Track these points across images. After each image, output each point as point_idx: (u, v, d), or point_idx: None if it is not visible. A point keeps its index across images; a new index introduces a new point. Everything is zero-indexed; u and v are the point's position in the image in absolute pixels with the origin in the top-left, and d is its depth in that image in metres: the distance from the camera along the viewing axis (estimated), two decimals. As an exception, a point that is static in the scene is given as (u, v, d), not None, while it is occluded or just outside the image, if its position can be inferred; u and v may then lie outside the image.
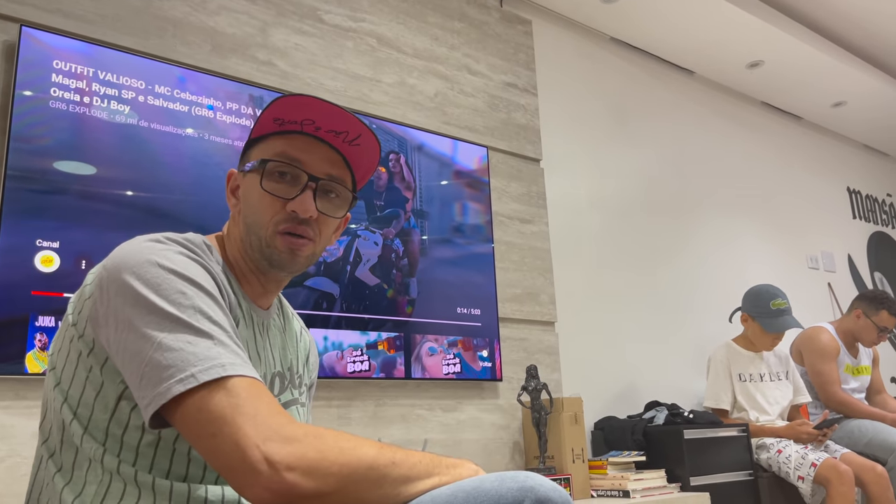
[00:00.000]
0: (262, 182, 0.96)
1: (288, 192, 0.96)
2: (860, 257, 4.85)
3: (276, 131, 0.99)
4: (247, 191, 0.99)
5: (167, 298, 0.80)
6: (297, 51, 2.43)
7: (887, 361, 4.58)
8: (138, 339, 0.78)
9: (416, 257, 2.48)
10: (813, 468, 2.64)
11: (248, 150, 1.02)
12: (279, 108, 0.96)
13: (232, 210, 1.02)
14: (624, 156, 3.53)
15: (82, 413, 0.85)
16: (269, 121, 0.97)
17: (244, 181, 1.00)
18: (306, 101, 0.95)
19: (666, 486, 2.47)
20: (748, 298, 3.04)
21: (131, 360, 0.79)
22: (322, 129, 0.98)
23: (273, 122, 0.98)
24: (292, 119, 0.97)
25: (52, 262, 1.78)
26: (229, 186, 1.04)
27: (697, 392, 3.37)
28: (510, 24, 3.15)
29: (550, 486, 0.78)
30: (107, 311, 0.82)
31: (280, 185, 0.96)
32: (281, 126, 0.98)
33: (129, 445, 0.84)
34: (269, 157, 0.97)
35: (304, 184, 0.96)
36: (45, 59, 1.87)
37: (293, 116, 0.96)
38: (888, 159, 5.48)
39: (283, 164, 0.96)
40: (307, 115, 0.96)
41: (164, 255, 0.85)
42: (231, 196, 1.03)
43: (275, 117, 0.97)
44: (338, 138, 0.99)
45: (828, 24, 3.96)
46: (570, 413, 2.49)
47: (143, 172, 1.96)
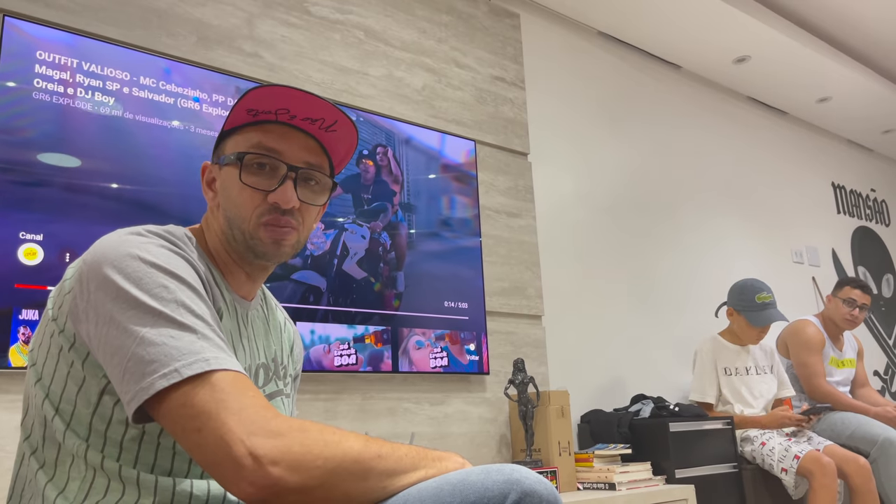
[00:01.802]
0: (240, 175, 0.95)
1: (268, 184, 0.96)
2: (844, 252, 4.89)
3: (249, 122, 0.98)
4: (225, 184, 0.98)
5: (149, 293, 0.80)
6: (284, 43, 2.42)
7: (871, 355, 4.63)
8: (120, 334, 0.78)
9: (404, 251, 2.48)
10: (796, 460, 2.67)
11: (222, 141, 1.00)
12: (253, 99, 0.95)
13: (210, 203, 1.01)
14: (611, 150, 3.54)
15: (64, 409, 0.84)
16: (242, 112, 0.96)
17: (221, 174, 0.99)
18: (280, 90, 0.94)
19: (651, 478, 2.49)
20: (734, 293, 3.06)
21: (113, 356, 0.78)
22: (297, 118, 0.97)
23: (247, 113, 0.97)
24: (266, 109, 0.96)
25: (35, 254, 1.76)
26: (205, 179, 1.03)
27: (683, 385, 3.39)
28: (498, 17, 3.14)
29: (536, 478, 0.78)
30: (87, 306, 0.81)
31: (259, 177, 0.96)
32: (255, 116, 0.97)
33: (112, 440, 0.84)
34: (246, 149, 0.96)
35: (284, 174, 0.96)
36: (28, 50, 1.85)
37: (267, 106, 0.95)
38: (872, 154, 5.53)
39: (260, 155, 0.96)
40: (282, 105, 0.95)
41: (146, 248, 0.84)
42: (208, 189, 1.02)
43: (248, 108, 0.96)
44: (314, 125, 0.99)
45: (814, 19, 3.99)
46: (556, 406, 2.50)
47: (128, 165, 1.95)
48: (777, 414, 2.87)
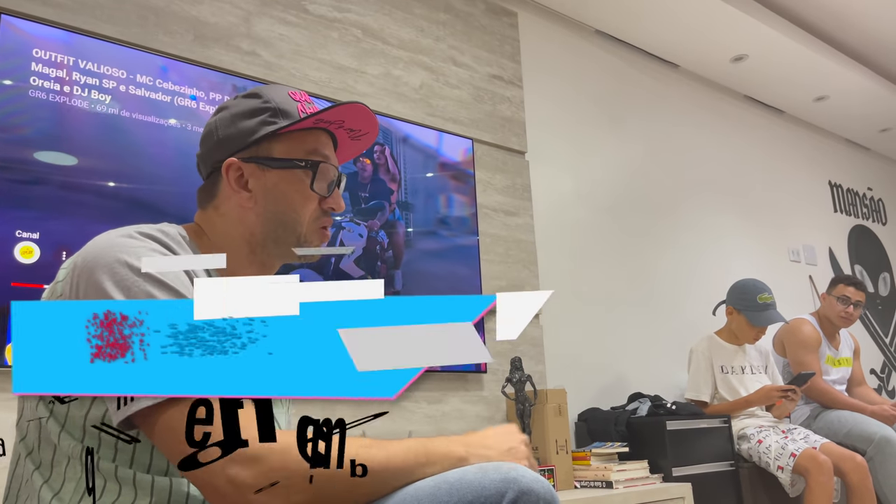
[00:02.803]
0: (313, 183, 0.98)
1: (324, 190, 1.00)
2: (841, 251, 4.90)
3: (301, 128, 1.00)
4: (279, 187, 0.98)
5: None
6: (282, 41, 2.41)
7: (867, 353, 4.64)
8: None
9: (401, 249, 2.48)
10: (792, 458, 2.68)
11: (259, 143, 0.99)
12: (336, 113, 0.98)
13: (242, 203, 0.99)
14: (608, 148, 3.54)
15: (58, 410, 0.84)
16: (311, 119, 0.98)
17: (266, 176, 0.98)
18: (359, 107, 0.99)
19: (648, 476, 2.49)
20: (734, 292, 3.07)
21: None
22: (343, 127, 1.02)
23: (314, 122, 0.99)
24: (330, 119, 0.99)
25: (31, 253, 1.76)
26: (232, 177, 0.99)
27: (680, 384, 3.39)
28: (496, 15, 3.14)
29: (533, 476, 0.78)
30: None
31: (323, 185, 1.00)
32: (316, 123, 1.00)
33: (107, 442, 0.83)
34: (304, 155, 0.99)
35: (335, 181, 1.01)
36: (24, 48, 1.84)
37: (332, 117, 0.99)
38: (869, 153, 5.54)
39: (327, 164, 1.00)
40: (342, 117, 0.99)
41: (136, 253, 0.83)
42: (240, 189, 0.99)
43: (319, 118, 0.98)
44: (341, 130, 1.03)
45: (812, 18, 3.99)
46: (553, 405, 2.50)
47: (124, 163, 1.94)
48: (764, 389, 2.89)
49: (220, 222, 1.00)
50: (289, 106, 0.99)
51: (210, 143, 1.03)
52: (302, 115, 0.98)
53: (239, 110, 1.01)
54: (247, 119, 0.99)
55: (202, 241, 0.99)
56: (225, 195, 1.00)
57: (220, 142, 1.01)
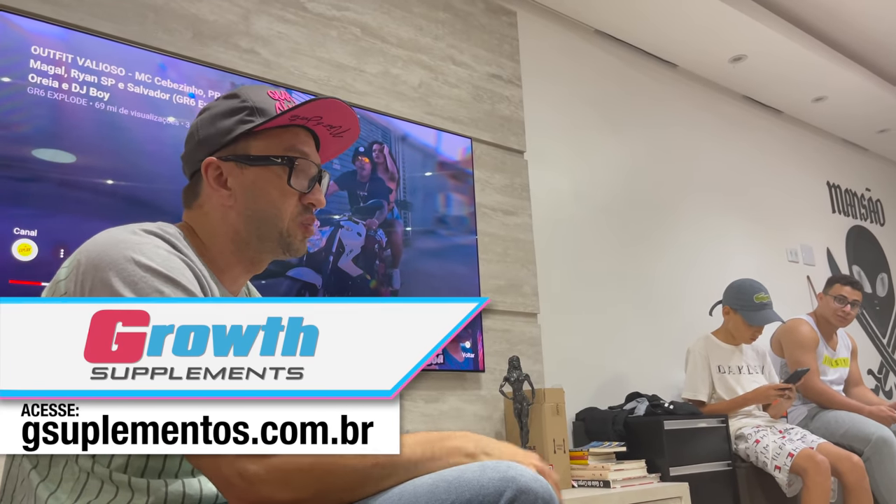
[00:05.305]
0: (290, 179, 0.99)
1: (303, 186, 1.01)
2: (839, 251, 4.90)
3: (278, 125, 1.00)
4: (257, 184, 0.99)
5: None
6: (281, 39, 2.41)
7: (865, 354, 4.65)
8: None
9: (400, 248, 2.48)
10: (790, 458, 2.68)
11: (238, 140, 1.00)
12: (309, 108, 0.98)
13: (222, 202, 0.99)
14: (607, 148, 3.54)
15: None
16: (286, 117, 0.99)
17: (244, 174, 0.99)
18: (334, 103, 0.99)
19: (646, 476, 2.49)
20: (731, 292, 3.07)
21: None
22: (321, 124, 1.02)
23: (290, 119, 0.99)
24: (307, 116, 1.00)
25: (29, 250, 1.76)
26: (211, 177, 1.00)
27: (678, 384, 3.40)
28: (495, 14, 3.14)
29: (531, 475, 0.78)
30: None
31: (303, 181, 1.00)
32: (292, 120, 1.00)
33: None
34: (282, 152, 0.99)
35: (316, 177, 1.02)
36: (22, 45, 1.84)
37: (308, 113, 0.99)
38: (867, 154, 5.54)
39: (306, 161, 1.01)
40: (321, 112, 1.00)
41: (142, 250, 0.83)
42: (219, 188, 0.99)
43: (294, 114, 0.98)
44: (322, 127, 1.03)
45: (810, 19, 3.99)
46: (551, 404, 2.51)
47: (123, 161, 1.94)
48: (761, 389, 2.89)
49: (205, 221, 1.01)
50: (266, 104, 1.00)
51: (192, 144, 1.05)
52: (278, 113, 0.99)
53: (218, 111, 1.02)
54: (225, 118, 1.00)
55: (194, 240, 0.99)
56: (206, 194, 1.01)
57: (201, 142, 1.02)
